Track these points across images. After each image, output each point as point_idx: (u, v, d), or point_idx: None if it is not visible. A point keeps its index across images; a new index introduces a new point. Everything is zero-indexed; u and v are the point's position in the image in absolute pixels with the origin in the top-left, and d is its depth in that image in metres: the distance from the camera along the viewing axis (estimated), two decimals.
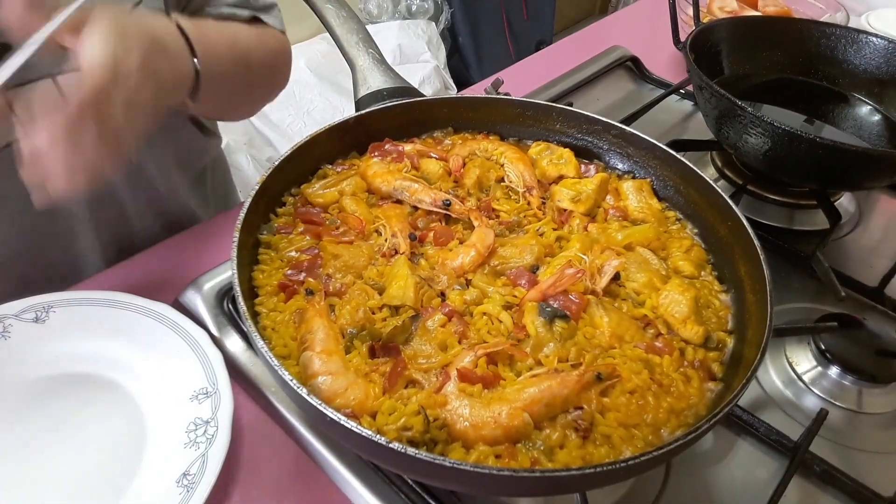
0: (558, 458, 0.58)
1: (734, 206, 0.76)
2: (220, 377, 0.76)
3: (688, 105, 1.40)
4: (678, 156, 0.84)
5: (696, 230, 0.84)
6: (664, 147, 0.86)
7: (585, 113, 0.91)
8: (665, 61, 1.54)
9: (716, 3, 1.56)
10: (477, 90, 1.37)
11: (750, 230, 0.73)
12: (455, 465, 0.51)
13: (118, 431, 0.75)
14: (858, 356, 0.86)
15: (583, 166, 0.90)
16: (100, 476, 0.71)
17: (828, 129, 1.16)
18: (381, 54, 0.98)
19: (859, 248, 1.10)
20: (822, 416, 0.80)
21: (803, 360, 0.88)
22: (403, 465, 0.57)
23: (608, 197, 0.87)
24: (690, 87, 1.36)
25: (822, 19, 1.48)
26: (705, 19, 1.47)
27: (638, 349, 0.68)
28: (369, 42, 0.99)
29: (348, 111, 0.88)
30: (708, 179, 0.80)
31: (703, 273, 0.78)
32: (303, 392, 0.55)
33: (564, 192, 0.84)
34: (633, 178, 0.90)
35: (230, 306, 0.84)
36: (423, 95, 0.93)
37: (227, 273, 0.86)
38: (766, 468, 0.77)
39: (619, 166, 0.92)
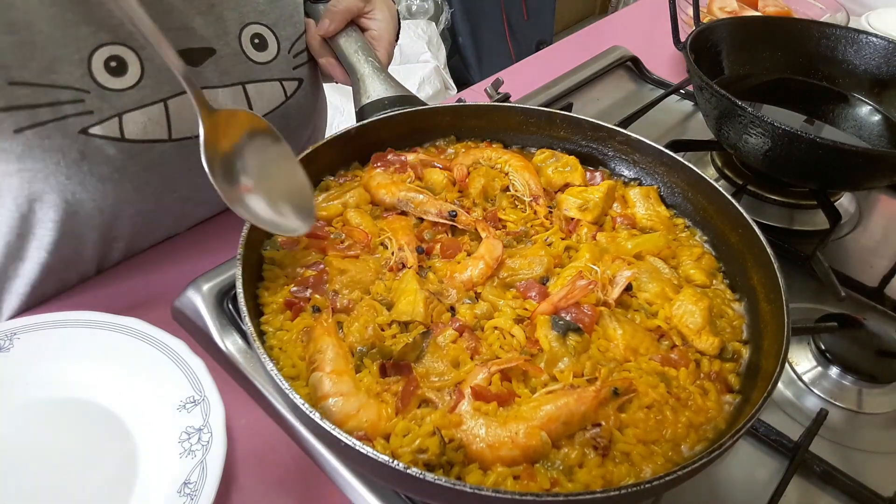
0: (578, 477, 0.57)
1: (745, 214, 0.74)
2: (206, 383, 0.75)
3: (688, 105, 1.39)
4: (686, 162, 0.83)
5: (705, 238, 0.83)
6: (671, 153, 0.85)
7: (590, 119, 0.90)
8: (665, 61, 1.54)
9: (716, 3, 1.56)
10: (477, 90, 1.36)
11: (762, 238, 0.72)
12: (476, 491, 0.50)
13: (107, 451, 0.72)
14: (858, 356, 0.86)
15: (588, 173, 0.89)
16: (95, 499, 0.69)
17: (828, 129, 1.16)
18: (381, 63, 0.96)
19: (859, 248, 1.09)
20: (822, 416, 0.80)
21: (803, 361, 0.88)
22: (422, 490, 0.55)
23: (615, 205, 0.86)
24: (690, 87, 1.36)
25: (822, 19, 1.48)
26: (705, 19, 1.47)
27: (653, 362, 0.66)
28: (369, 50, 0.97)
29: (349, 111, 0.86)
30: (717, 186, 0.79)
31: (714, 282, 0.77)
32: (315, 416, 0.53)
33: (571, 201, 0.83)
34: (640, 184, 0.88)
35: (230, 306, 0.82)
36: (425, 103, 0.92)
37: (226, 273, 0.84)
38: (766, 468, 0.77)
39: (626, 173, 0.91)
